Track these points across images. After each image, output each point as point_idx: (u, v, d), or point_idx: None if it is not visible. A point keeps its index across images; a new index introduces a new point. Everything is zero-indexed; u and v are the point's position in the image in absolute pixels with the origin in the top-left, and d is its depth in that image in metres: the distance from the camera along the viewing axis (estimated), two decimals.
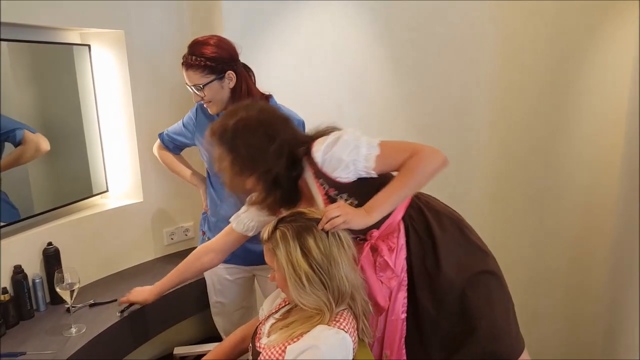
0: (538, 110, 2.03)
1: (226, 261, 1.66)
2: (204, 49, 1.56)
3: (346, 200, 1.30)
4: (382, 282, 1.37)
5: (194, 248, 2.22)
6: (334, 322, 1.17)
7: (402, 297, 1.37)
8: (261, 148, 1.26)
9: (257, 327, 1.37)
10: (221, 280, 1.81)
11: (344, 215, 1.19)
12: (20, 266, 1.63)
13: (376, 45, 1.99)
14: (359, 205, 1.28)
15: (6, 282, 1.62)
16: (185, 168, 1.87)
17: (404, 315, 1.37)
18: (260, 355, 1.21)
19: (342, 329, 1.16)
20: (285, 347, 1.15)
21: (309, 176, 1.33)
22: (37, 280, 1.68)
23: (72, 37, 1.93)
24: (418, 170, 1.23)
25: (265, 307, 1.43)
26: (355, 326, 1.22)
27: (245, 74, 1.63)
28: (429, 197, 1.48)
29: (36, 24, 1.69)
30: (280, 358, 1.15)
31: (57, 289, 1.53)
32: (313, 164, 1.29)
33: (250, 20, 1.83)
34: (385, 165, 1.27)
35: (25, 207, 1.76)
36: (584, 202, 2.09)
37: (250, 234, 1.46)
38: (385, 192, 1.25)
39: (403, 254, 1.38)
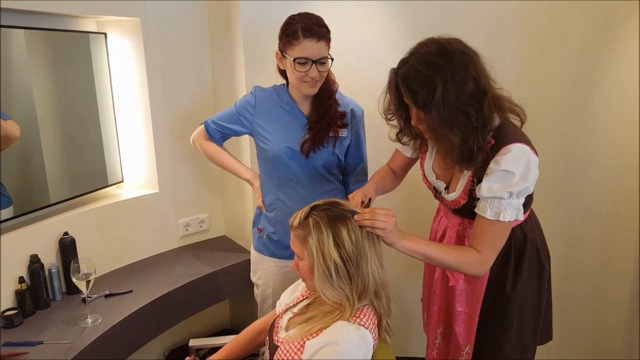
0: (562, 111, 1.98)
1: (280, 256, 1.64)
2: (324, 22, 1.46)
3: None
4: None
5: (209, 240, 2.24)
6: (354, 318, 1.14)
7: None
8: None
9: (274, 320, 1.35)
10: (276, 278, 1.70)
11: (388, 225, 1.16)
12: (36, 255, 1.63)
13: (399, 43, 1.96)
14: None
15: (23, 272, 1.61)
16: (236, 161, 1.69)
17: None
18: (278, 349, 1.19)
19: (363, 325, 1.13)
20: (304, 343, 1.12)
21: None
22: (54, 270, 1.67)
23: (89, 25, 1.91)
24: (462, 268, 1.26)
25: (283, 299, 1.41)
26: (376, 322, 1.19)
27: None
28: (537, 227, 1.44)
29: (52, 11, 1.67)
30: (299, 353, 1.12)
31: (73, 279, 1.52)
32: (484, 161, 1.22)
33: (269, 8, 1.79)
34: (481, 222, 1.24)
35: (41, 196, 1.75)
36: (607, 207, 2.03)
37: None
38: (430, 244, 1.26)
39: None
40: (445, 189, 1.38)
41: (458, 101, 1.14)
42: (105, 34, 1.91)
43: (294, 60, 1.44)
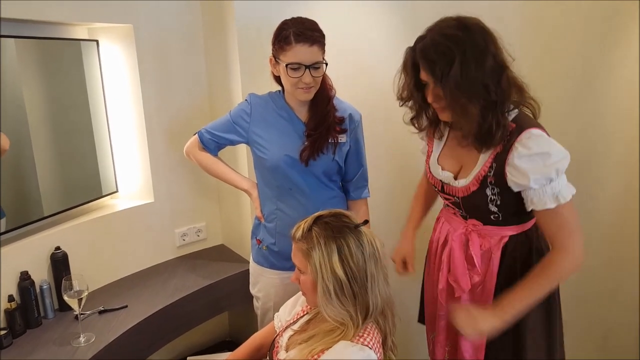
0: (562, 111, 1.94)
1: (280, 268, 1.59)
2: (318, 26, 1.42)
3: (491, 195, 1.25)
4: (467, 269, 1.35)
5: (207, 249, 2.19)
6: (358, 338, 1.08)
7: None
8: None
9: (274, 339, 1.30)
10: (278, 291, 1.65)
11: (476, 332, 1.17)
12: (27, 272, 1.58)
13: (397, 45, 1.91)
14: (501, 206, 1.25)
15: (12, 289, 1.56)
16: (232, 171, 1.63)
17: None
18: None
19: (367, 345, 1.07)
20: None
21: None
22: (45, 287, 1.62)
23: (80, 32, 1.85)
24: (563, 277, 1.21)
25: (282, 315, 1.36)
26: (381, 341, 1.13)
27: None
28: (542, 234, 1.39)
29: (43, 19, 1.62)
30: None
31: (65, 297, 1.47)
32: (505, 145, 1.20)
33: (264, 12, 1.73)
34: (546, 219, 1.20)
35: (34, 209, 1.70)
36: (614, 205, 1.99)
37: None
38: (521, 291, 1.20)
39: (494, 267, 1.32)
40: (454, 179, 1.33)
41: (477, 73, 1.14)
42: (97, 41, 1.86)
43: (287, 65, 1.39)
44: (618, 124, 1.92)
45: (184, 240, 2.11)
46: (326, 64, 1.43)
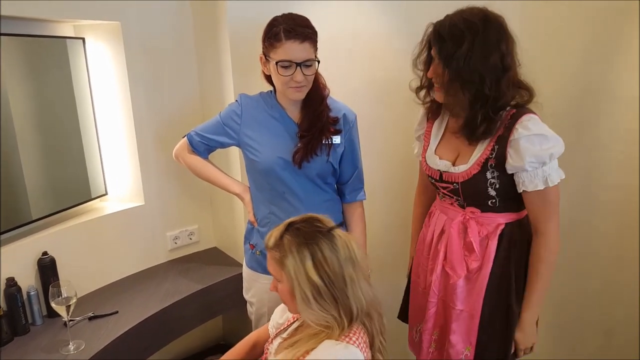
0: (563, 111, 1.93)
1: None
2: (310, 23, 1.38)
3: (491, 178, 1.31)
4: (464, 257, 1.39)
5: (199, 252, 2.15)
6: (343, 337, 1.06)
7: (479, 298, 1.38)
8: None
9: (265, 345, 1.27)
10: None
11: (531, 342, 1.38)
12: (13, 278, 1.53)
13: (392, 44, 1.89)
14: (499, 190, 1.31)
15: None
16: (224, 174, 1.58)
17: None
18: None
19: (352, 344, 1.05)
20: None
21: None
22: (32, 293, 1.57)
23: (66, 30, 1.80)
24: (552, 262, 1.32)
25: (275, 318, 1.33)
26: (368, 342, 1.11)
27: None
28: None
29: (26, 15, 1.56)
30: None
31: (52, 304, 1.42)
32: (508, 127, 1.25)
33: (257, 10, 1.69)
34: (533, 198, 1.28)
35: (21, 213, 1.65)
36: (616, 204, 1.99)
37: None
38: (531, 289, 1.35)
39: (491, 252, 1.37)
40: (452, 165, 1.37)
41: (479, 64, 1.19)
42: (83, 39, 1.81)
43: (277, 63, 1.35)
44: (621, 125, 1.91)
45: (175, 243, 2.07)
46: (318, 62, 1.40)
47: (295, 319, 1.24)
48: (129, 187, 1.97)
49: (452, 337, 1.41)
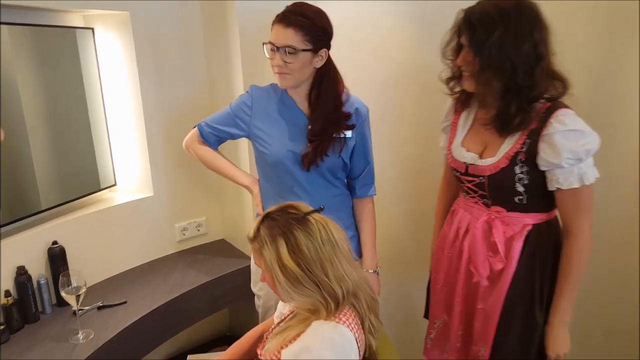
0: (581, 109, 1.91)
1: None
2: (312, 13, 1.36)
3: (520, 173, 1.26)
4: (488, 257, 1.35)
5: (207, 244, 2.16)
6: (332, 318, 1.05)
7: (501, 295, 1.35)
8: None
9: (265, 335, 1.28)
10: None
11: (564, 348, 1.31)
12: (23, 267, 1.54)
13: (405, 39, 1.86)
14: (528, 186, 1.26)
15: (9, 285, 1.52)
16: (233, 166, 1.57)
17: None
18: None
19: (342, 324, 1.04)
20: (280, 352, 1.06)
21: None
22: (42, 282, 1.58)
23: (75, 20, 1.80)
24: (583, 264, 1.28)
25: (280, 308, 1.34)
26: (360, 324, 1.10)
27: (333, 62, 1.45)
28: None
29: (36, 5, 1.57)
30: None
31: (62, 294, 1.43)
32: (542, 121, 1.21)
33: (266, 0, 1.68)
34: (566, 197, 1.24)
35: (31, 203, 1.66)
36: (623, 203, 1.96)
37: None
38: (561, 294, 1.29)
39: (515, 253, 1.32)
40: (479, 158, 1.33)
41: (511, 52, 1.16)
42: (92, 29, 1.80)
43: (263, 44, 1.36)
44: (625, 125, 1.88)
45: (184, 234, 2.07)
46: (308, 51, 1.34)
47: (294, 310, 1.24)
48: (137, 178, 1.97)
49: (474, 334, 1.40)
